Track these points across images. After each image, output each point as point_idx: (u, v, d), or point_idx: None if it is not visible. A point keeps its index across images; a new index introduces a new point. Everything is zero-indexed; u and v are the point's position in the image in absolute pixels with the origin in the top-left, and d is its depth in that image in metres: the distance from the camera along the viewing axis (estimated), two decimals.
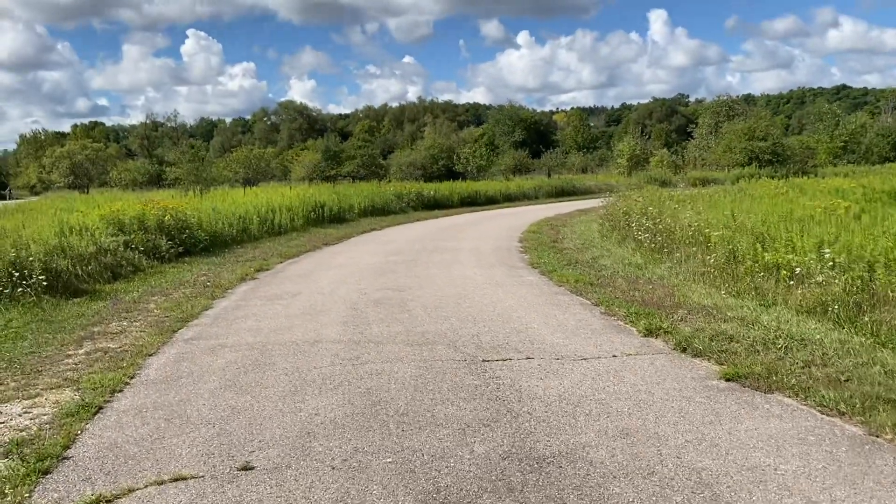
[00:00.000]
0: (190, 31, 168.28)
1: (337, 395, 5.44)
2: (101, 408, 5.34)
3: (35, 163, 76.50)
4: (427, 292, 9.83)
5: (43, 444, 4.61)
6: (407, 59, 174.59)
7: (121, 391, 5.76)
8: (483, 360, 6.30)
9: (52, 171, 62.04)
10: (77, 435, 4.80)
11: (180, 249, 13.92)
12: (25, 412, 5.36)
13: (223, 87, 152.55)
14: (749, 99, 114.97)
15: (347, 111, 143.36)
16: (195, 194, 25.72)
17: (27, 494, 3.92)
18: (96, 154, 59.73)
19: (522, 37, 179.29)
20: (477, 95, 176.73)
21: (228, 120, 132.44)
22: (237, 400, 5.43)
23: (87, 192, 53.91)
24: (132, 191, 50.50)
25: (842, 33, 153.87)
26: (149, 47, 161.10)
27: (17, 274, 9.36)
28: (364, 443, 4.49)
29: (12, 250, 9.81)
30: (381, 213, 26.17)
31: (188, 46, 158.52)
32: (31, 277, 9.51)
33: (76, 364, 6.69)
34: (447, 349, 6.73)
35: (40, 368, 6.59)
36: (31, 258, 9.83)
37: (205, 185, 32.04)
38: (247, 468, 4.16)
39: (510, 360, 6.32)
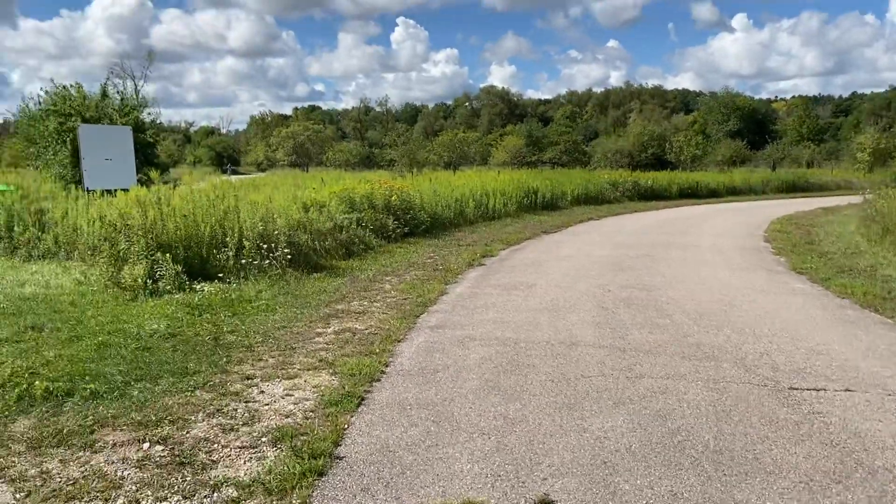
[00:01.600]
0: (400, 20, 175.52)
1: (622, 416, 4.62)
2: (362, 399, 4.96)
3: (262, 142, 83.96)
4: (680, 294, 8.71)
5: (312, 438, 4.26)
6: (611, 43, 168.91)
7: (378, 380, 5.38)
8: (790, 388, 5.16)
9: (277, 149, 67.46)
10: (344, 430, 4.41)
11: (405, 230, 13.88)
12: (287, 394, 5.12)
13: (426, 74, 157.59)
14: None
15: (547, 96, 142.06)
16: (412, 175, 26.18)
17: (307, 498, 3.52)
18: (316, 135, 63.97)
19: (738, 19, 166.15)
20: (684, 81, 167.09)
21: (431, 105, 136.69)
22: (506, 407, 4.79)
23: (307, 170, 57.95)
24: (345, 170, 53.51)
25: None
26: (361, 35, 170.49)
27: (265, 246, 9.59)
28: (681, 486, 3.62)
29: (261, 223, 10.08)
30: (594, 201, 25.00)
31: (397, 34, 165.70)
32: (277, 250, 9.70)
33: (327, 344, 6.48)
34: (736, 368, 5.65)
35: (294, 345, 6.45)
36: (276, 232, 10.05)
37: (417, 168, 32.74)
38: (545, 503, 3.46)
39: (824, 390, 5.12)
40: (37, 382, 5.25)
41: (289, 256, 9.78)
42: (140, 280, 8.43)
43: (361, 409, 4.76)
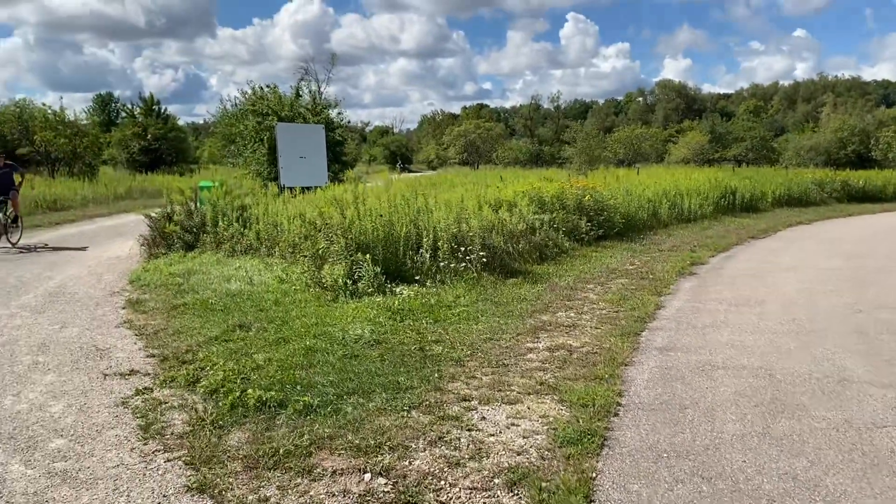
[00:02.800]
0: (570, 15, 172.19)
1: None
2: (604, 438, 4.22)
3: (433, 140, 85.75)
4: None
5: (555, 488, 3.58)
6: (798, 32, 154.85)
7: (616, 415, 4.61)
8: None
9: (448, 147, 68.47)
10: (592, 479, 3.70)
11: (600, 232, 12.95)
12: (512, 424, 4.49)
13: (595, 69, 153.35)
14: None
15: (726, 90, 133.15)
16: (589, 173, 25.03)
17: None
18: (487, 133, 64.12)
19: None
20: (882, 71, 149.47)
21: (601, 101, 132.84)
22: (790, 464, 3.84)
23: (477, 167, 58.24)
24: (515, 168, 53.03)
25: None
26: (529, 32, 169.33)
27: (461, 249, 9.13)
28: None
29: (454, 224, 9.65)
30: (797, 203, 22.53)
31: (566, 30, 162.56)
32: (472, 253, 9.21)
33: (543, 363, 5.81)
34: None
35: (505, 362, 5.85)
36: (470, 233, 9.57)
37: (594, 165, 31.48)
38: None
39: None
40: (249, 390, 5.02)
41: (484, 259, 9.26)
42: (340, 280, 8.26)
43: (606, 453, 4.02)
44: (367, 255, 8.46)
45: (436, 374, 5.46)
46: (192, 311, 7.84)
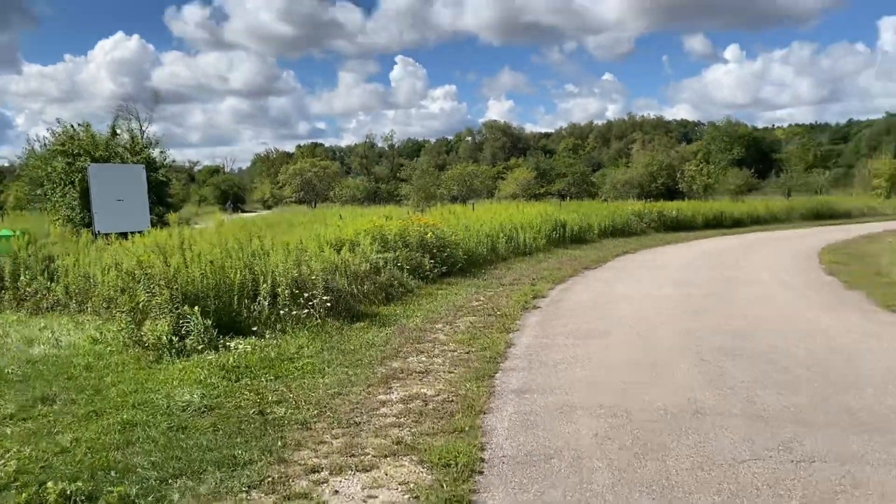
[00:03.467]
0: (399, 58, 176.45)
1: None
2: None
3: (268, 179, 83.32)
4: (781, 341, 7.60)
5: None
6: (606, 76, 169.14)
7: (480, 473, 4.27)
8: None
9: (284, 186, 66.76)
10: None
11: (443, 269, 12.81)
12: (370, 496, 4.00)
13: (426, 110, 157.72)
14: None
15: (547, 130, 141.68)
16: (426, 210, 25.15)
17: None
18: (323, 171, 63.30)
19: (731, 51, 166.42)
20: (680, 112, 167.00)
21: (432, 140, 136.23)
22: None
23: (314, 206, 57.11)
24: (354, 206, 52.58)
25: None
26: (361, 74, 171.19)
27: (304, 294, 8.52)
28: None
29: (295, 268, 9.03)
30: (621, 233, 23.96)
31: (396, 72, 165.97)
32: (315, 298, 8.64)
33: (398, 417, 5.37)
34: None
35: (357, 419, 5.35)
36: (313, 276, 9.00)
37: (430, 202, 31.82)
38: None
39: None
40: (50, 483, 4.13)
41: (328, 304, 8.71)
42: (164, 337, 7.35)
43: None
44: (196, 307, 7.62)
45: (279, 443, 4.84)
46: None
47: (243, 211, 63.04)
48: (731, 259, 16.54)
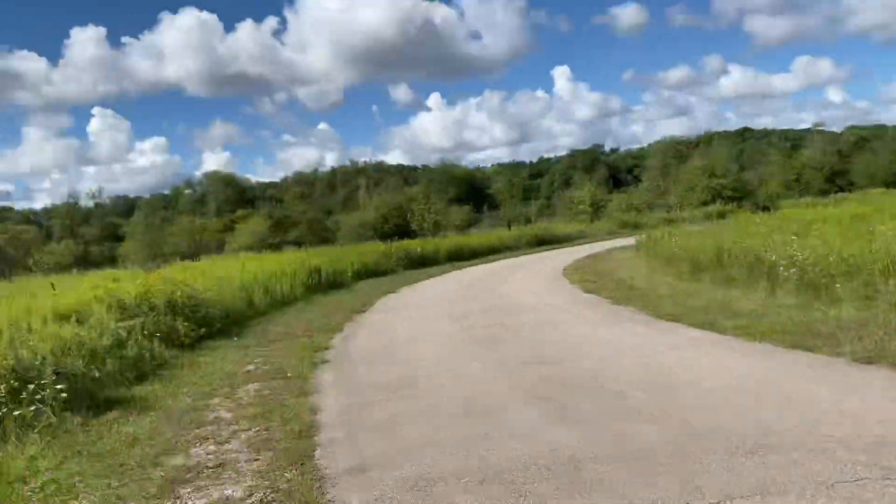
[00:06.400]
0: (96, 110, 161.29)
1: None
2: None
3: None
4: (603, 365, 7.39)
5: None
6: (322, 125, 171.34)
7: None
8: None
9: None
10: None
11: (201, 332, 10.96)
12: None
13: (134, 164, 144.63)
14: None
15: (271, 179, 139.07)
16: (178, 265, 22.26)
17: None
18: (18, 238, 54.54)
19: (433, 99, 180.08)
20: (395, 157, 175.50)
21: (147, 195, 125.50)
22: None
23: (11, 278, 48.79)
24: (56, 275, 45.72)
25: (733, 79, 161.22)
26: (51, 128, 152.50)
27: (30, 386, 6.39)
28: None
29: (10, 353, 6.83)
30: (373, 274, 23.50)
31: (94, 125, 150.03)
32: (44, 389, 6.55)
33: None
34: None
35: None
36: (38, 361, 6.88)
37: (156, 260, 28.64)
38: None
39: None
40: None
41: (63, 395, 6.66)
42: None
43: None
44: None
45: None
46: None
47: None
48: (490, 287, 16.85)
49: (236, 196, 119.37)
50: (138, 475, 5.11)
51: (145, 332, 9.72)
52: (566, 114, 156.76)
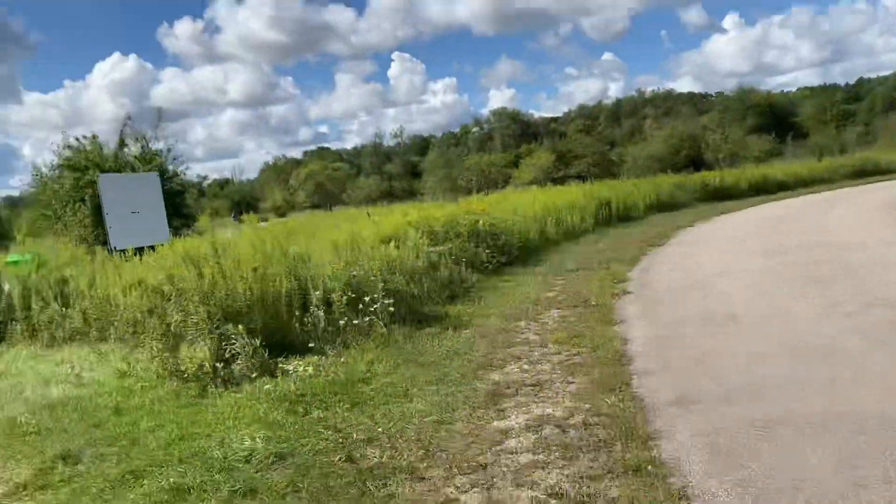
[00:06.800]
0: (395, 55, 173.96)
1: None
2: None
3: (279, 186, 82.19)
4: None
5: None
6: (606, 56, 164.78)
7: None
8: None
9: (296, 192, 65.63)
10: None
11: (502, 259, 11.40)
12: None
13: (427, 105, 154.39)
14: None
15: (553, 114, 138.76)
16: (475, 198, 23.62)
17: None
18: (335, 174, 62.10)
19: (729, 19, 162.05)
20: (684, 85, 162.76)
21: (438, 135, 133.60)
22: None
23: (330, 209, 55.89)
24: (368, 206, 51.16)
25: None
26: (358, 74, 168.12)
27: (366, 299, 7.15)
28: None
29: (353, 268, 7.68)
30: (667, 207, 22.41)
31: (394, 69, 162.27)
32: (376, 302, 7.27)
33: (534, 453, 4.01)
34: None
35: (481, 460, 3.99)
36: (371, 277, 7.64)
37: (455, 194, 30.42)
38: None
39: None
40: None
41: (390, 308, 7.34)
42: (206, 364, 6.04)
43: None
44: (241, 325, 6.28)
45: None
46: None
47: (242, 221, 61.38)
48: (806, 222, 15.05)
49: (520, 132, 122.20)
50: (461, 386, 5.42)
51: (452, 258, 10.34)
52: (893, 26, 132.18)
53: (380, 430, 4.60)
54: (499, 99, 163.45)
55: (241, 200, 78.61)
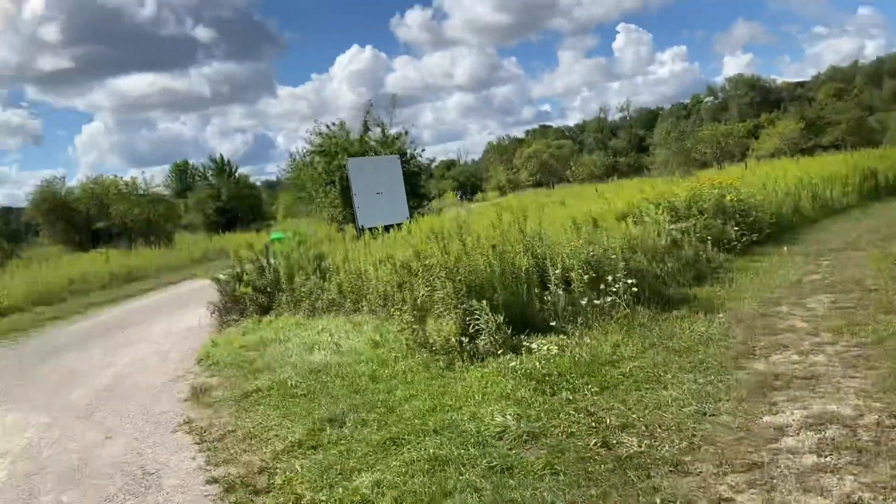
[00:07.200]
0: (620, 26, 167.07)
1: None
2: None
3: (502, 166, 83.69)
4: None
5: None
6: (862, 10, 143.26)
7: None
8: None
9: (519, 170, 66.32)
10: None
11: (753, 237, 10.44)
12: None
13: (653, 76, 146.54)
14: None
15: (796, 79, 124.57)
16: (715, 171, 22.21)
17: None
18: (559, 151, 61.75)
19: None
20: None
21: (666, 107, 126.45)
22: None
23: (553, 187, 55.80)
24: (592, 183, 50.16)
25: None
26: (580, 49, 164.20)
27: (609, 278, 6.90)
28: None
29: (591, 246, 7.46)
30: None
31: (619, 41, 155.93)
32: (617, 282, 6.98)
33: (818, 454, 3.55)
34: None
35: (754, 458, 3.60)
36: (611, 255, 7.36)
37: (688, 168, 28.67)
38: None
39: None
40: None
41: (634, 289, 7.00)
42: (453, 338, 6.19)
43: None
44: (484, 301, 6.35)
45: (655, 499, 3.26)
46: (267, 401, 5.95)
47: (471, 201, 62.95)
48: None
49: (760, 99, 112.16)
50: (720, 375, 4.99)
51: (696, 235, 9.66)
52: None
53: (634, 416, 4.37)
54: (734, 65, 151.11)
55: (466, 181, 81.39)
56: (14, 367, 9.23)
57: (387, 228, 12.03)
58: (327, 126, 18.94)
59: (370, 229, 12.38)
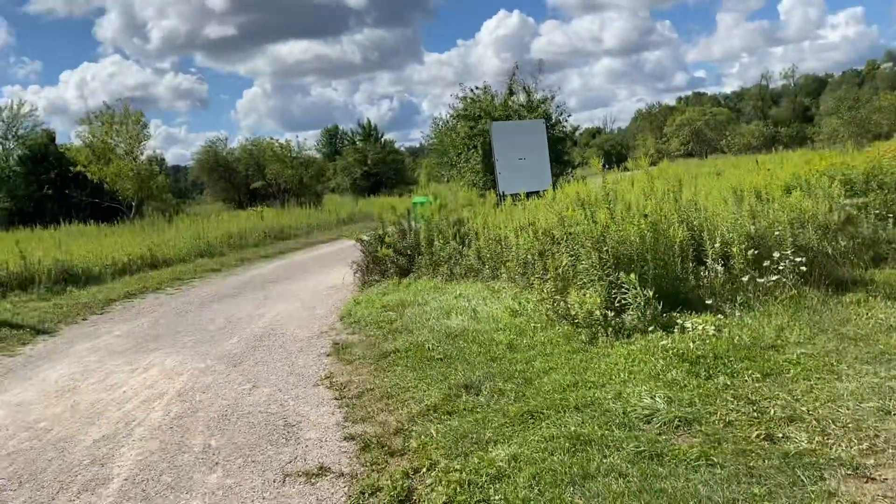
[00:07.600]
0: None
1: None
2: None
3: (651, 134, 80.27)
4: None
5: None
6: None
7: None
8: None
9: (669, 140, 63.33)
10: None
11: None
12: None
13: (822, 41, 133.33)
14: None
15: None
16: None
17: None
18: (713, 119, 58.21)
19: None
20: None
21: (836, 74, 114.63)
22: None
23: (705, 157, 52.78)
24: (748, 154, 46.83)
25: None
26: (741, 12, 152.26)
27: (775, 255, 6.30)
28: None
29: (751, 220, 6.83)
30: None
31: (785, 3, 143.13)
32: (783, 260, 6.34)
33: None
34: None
35: None
36: (777, 231, 6.71)
37: (865, 139, 25.99)
38: None
39: None
40: None
41: (802, 268, 6.34)
42: (597, 311, 5.88)
43: None
44: (632, 274, 5.98)
45: None
46: (404, 362, 5.95)
47: (625, 169, 60.78)
48: None
49: None
50: None
51: (876, 212, 8.64)
52: None
53: (803, 409, 3.91)
54: None
55: (612, 150, 78.82)
56: (177, 313, 9.92)
57: (528, 195, 11.77)
58: (471, 90, 18.81)
59: (512, 195, 12.17)
